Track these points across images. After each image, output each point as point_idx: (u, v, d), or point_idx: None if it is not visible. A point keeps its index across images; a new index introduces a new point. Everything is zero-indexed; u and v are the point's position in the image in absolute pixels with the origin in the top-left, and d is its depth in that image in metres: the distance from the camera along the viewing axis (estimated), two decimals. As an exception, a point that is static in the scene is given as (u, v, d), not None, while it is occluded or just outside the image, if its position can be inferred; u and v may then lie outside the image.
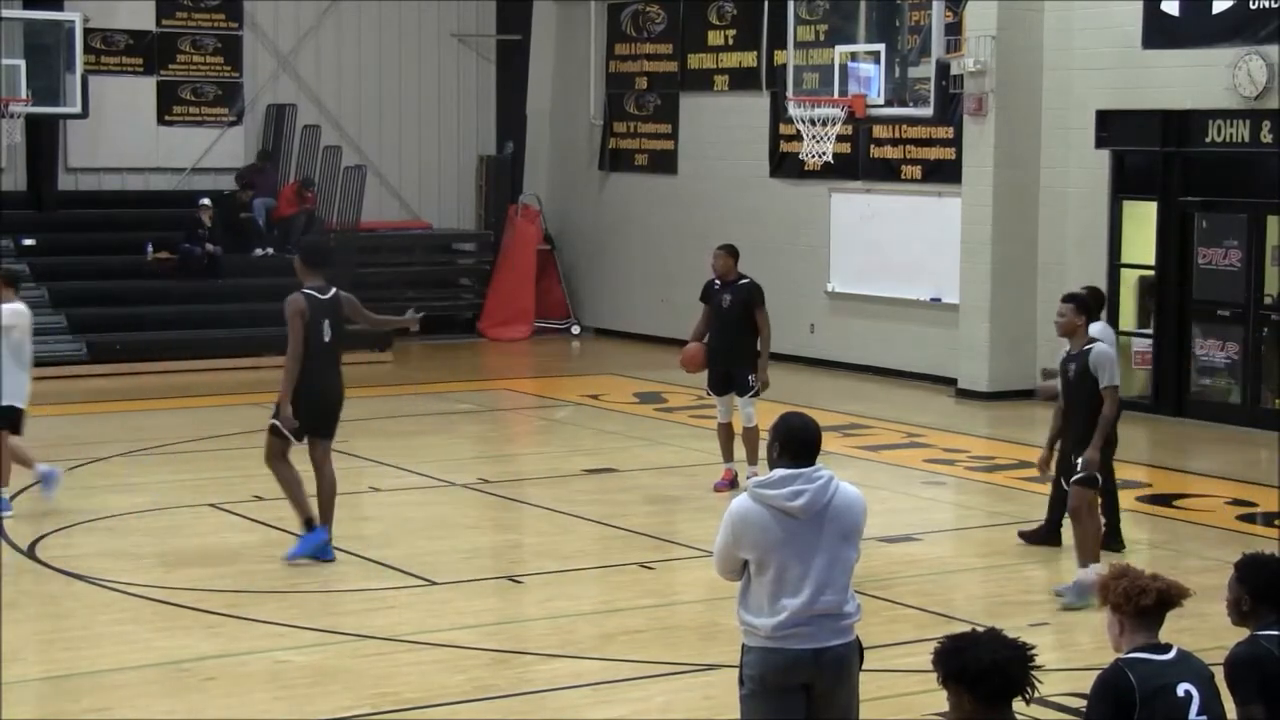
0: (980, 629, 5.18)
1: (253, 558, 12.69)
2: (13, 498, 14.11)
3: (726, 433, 14.99)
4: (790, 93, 20.95)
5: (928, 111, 20.89)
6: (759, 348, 14.78)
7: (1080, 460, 11.27)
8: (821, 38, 21.83)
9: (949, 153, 21.19)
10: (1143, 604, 5.39)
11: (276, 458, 12.37)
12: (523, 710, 9.29)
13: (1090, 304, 12.09)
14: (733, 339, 14.83)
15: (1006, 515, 13.64)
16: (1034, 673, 4.96)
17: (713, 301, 14.96)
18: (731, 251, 15.10)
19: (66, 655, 10.12)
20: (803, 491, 6.40)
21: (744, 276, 15.00)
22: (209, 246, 23.39)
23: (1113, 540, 12.91)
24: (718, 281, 15.03)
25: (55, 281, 22.91)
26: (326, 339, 12.37)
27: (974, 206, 20.40)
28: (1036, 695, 5.03)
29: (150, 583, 11.69)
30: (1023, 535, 13.14)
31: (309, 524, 12.34)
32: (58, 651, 10.24)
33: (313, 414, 12.34)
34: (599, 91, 26.45)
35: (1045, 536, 13.04)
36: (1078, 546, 11.47)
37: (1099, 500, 11.80)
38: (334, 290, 12.55)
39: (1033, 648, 5.02)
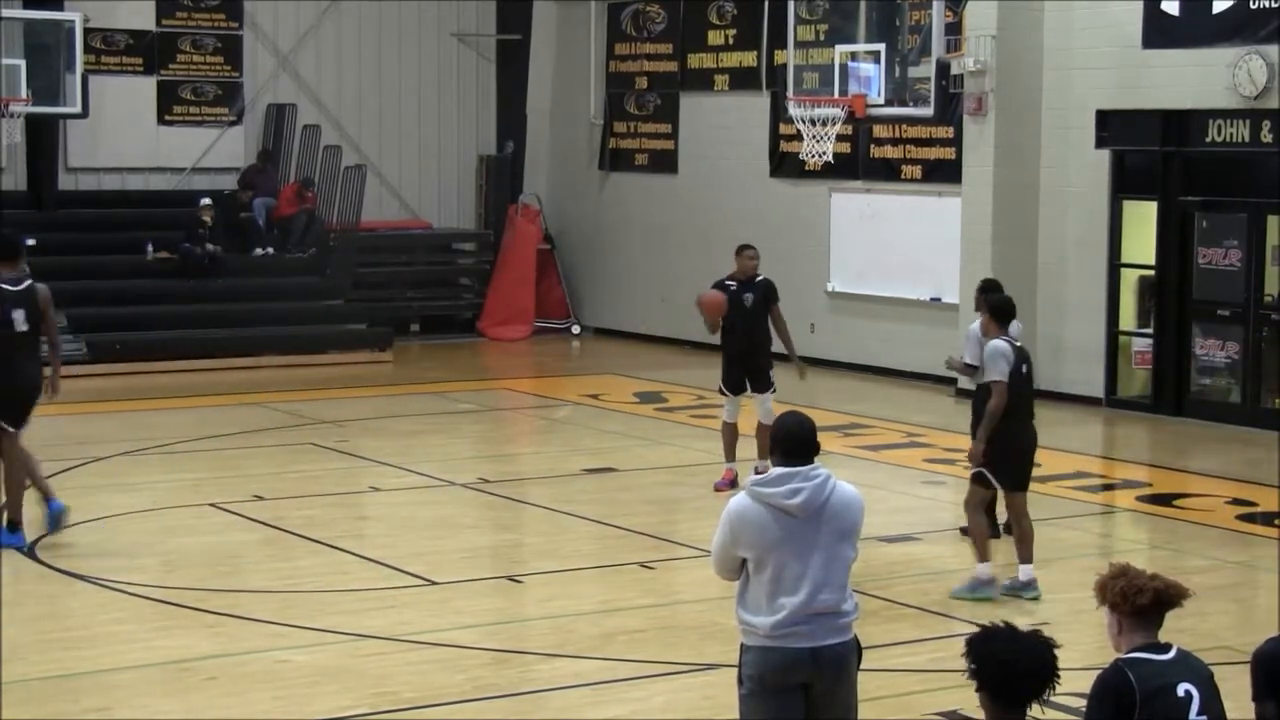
0: (1024, 628, 5.19)
1: (253, 557, 12.70)
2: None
3: (732, 432, 14.98)
4: (790, 92, 20.95)
5: (928, 111, 20.89)
6: (784, 338, 15.00)
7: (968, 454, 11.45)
8: (821, 37, 21.83)
9: (949, 152, 21.18)
10: (1139, 603, 5.39)
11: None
12: (522, 710, 9.29)
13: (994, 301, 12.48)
14: (757, 337, 14.91)
15: (1006, 515, 13.60)
16: (1052, 679, 4.97)
17: (733, 302, 14.86)
18: (756, 251, 15.06)
19: (66, 655, 10.12)
20: (800, 490, 6.41)
21: (758, 274, 14.99)
22: (209, 246, 23.38)
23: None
24: (733, 282, 14.95)
25: (55, 281, 22.59)
26: (19, 329, 12.51)
27: (974, 206, 20.39)
28: (1047, 699, 5.03)
29: (150, 582, 11.69)
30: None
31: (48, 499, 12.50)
32: (58, 651, 10.23)
33: (9, 404, 12.39)
34: (599, 91, 26.45)
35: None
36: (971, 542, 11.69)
37: (987, 496, 11.86)
38: (29, 281, 12.79)
39: (1055, 647, 5.03)
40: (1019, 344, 11.53)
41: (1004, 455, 11.45)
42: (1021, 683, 4.99)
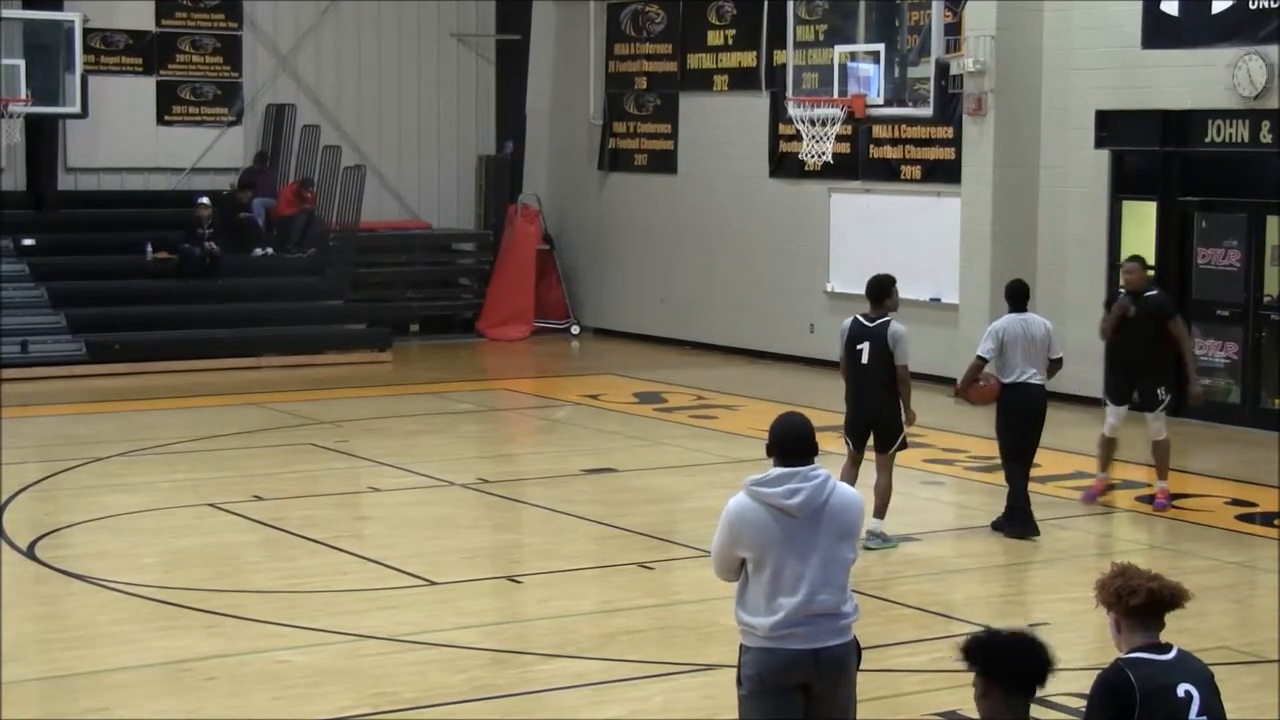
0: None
1: (252, 558, 12.70)
2: (7, 501, 14.15)
3: (1108, 445, 14.58)
4: (790, 93, 20.96)
5: (927, 111, 20.90)
6: (1183, 354, 14.33)
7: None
8: (821, 38, 21.84)
9: (948, 153, 21.19)
10: (1133, 604, 5.39)
11: None
12: (522, 710, 9.29)
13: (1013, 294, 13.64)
14: (1140, 351, 14.35)
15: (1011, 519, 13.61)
16: (1050, 662, 5.04)
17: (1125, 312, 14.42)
18: (1143, 262, 14.78)
19: (66, 655, 10.11)
20: (800, 490, 6.41)
21: (1152, 288, 14.60)
22: (209, 245, 23.36)
23: (1024, 527, 13.23)
24: (1123, 291, 14.55)
25: (54, 281, 22.90)
26: None
27: (973, 206, 20.40)
28: (1052, 675, 5.10)
29: (149, 583, 11.68)
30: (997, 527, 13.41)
31: None
32: (57, 651, 10.23)
33: None
34: (598, 91, 26.45)
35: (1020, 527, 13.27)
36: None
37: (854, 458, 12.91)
38: None
39: (1050, 651, 5.10)
40: (875, 324, 12.76)
41: (847, 421, 12.97)
42: (1030, 662, 5.04)
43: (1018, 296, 13.59)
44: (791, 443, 6.50)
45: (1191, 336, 14.66)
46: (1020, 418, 13.32)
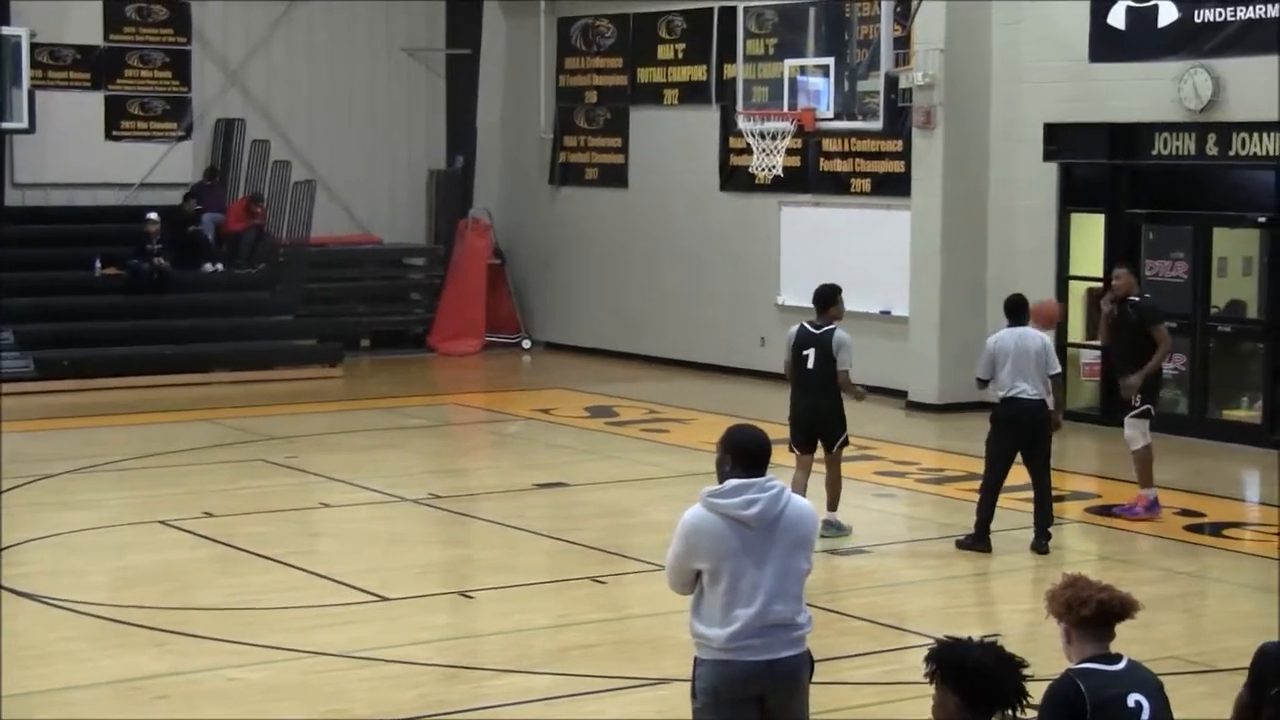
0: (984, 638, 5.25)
1: (203, 575, 12.64)
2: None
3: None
4: (740, 106, 21.02)
5: (877, 124, 20.99)
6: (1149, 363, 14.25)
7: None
8: (771, 51, 21.91)
9: (898, 166, 21.27)
10: (1083, 615, 5.42)
11: None
12: (475, 726, 9.28)
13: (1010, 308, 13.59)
14: (1119, 356, 14.80)
15: (957, 527, 13.69)
16: (1024, 685, 5.03)
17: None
18: (1130, 269, 14.98)
19: (16, 675, 10.02)
20: (756, 500, 6.43)
21: (1139, 294, 14.67)
22: (157, 260, 23.25)
23: (979, 541, 13.22)
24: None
25: (1, 298, 22.72)
26: None
27: (923, 219, 20.49)
28: (1022, 712, 5.09)
29: (100, 601, 11.61)
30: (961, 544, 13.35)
31: None
32: (9, 671, 10.14)
33: None
34: (549, 105, 26.46)
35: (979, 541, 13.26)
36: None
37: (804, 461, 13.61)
38: None
39: (1026, 664, 5.08)
40: (820, 331, 13.37)
41: (791, 423, 13.61)
42: (1000, 684, 5.03)
43: (1015, 310, 13.45)
44: (750, 454, 6.52)
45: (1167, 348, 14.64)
46: (1012, 434, 13.25)
